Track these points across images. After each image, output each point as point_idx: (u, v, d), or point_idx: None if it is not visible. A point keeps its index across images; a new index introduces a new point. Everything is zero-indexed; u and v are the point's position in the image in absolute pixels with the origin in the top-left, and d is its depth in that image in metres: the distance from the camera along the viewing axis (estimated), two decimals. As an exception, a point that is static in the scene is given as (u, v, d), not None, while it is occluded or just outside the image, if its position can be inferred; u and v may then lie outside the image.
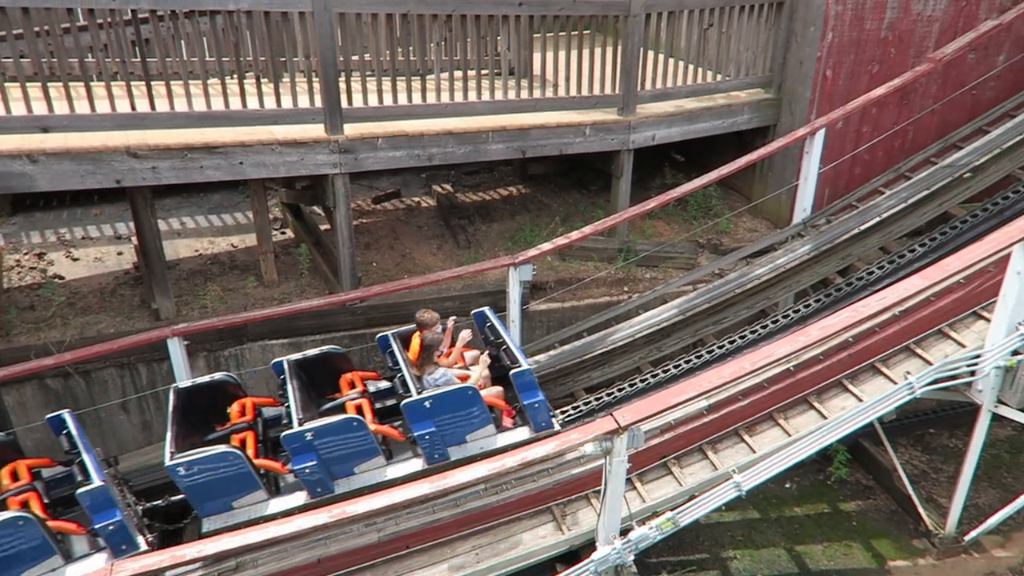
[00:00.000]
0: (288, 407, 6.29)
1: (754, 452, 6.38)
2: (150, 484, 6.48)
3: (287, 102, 7.46)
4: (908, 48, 9.28)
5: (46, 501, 5.73)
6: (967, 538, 7.16)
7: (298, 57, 7.80)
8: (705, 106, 9.43)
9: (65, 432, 6.12)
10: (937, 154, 9.07)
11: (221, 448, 5.70)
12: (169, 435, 5.90)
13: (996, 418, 6.62)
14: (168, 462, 5.61)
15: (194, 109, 7.11)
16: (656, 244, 9.30)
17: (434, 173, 11.51)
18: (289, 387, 6.45)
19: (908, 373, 6.29)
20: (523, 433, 6.54)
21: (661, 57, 9.21)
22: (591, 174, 10.96)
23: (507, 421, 6.68)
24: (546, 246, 7.92)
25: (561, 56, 8.70)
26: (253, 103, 7.35)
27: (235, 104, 7.28)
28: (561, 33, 8.75)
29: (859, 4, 8.82)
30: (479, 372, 6.77)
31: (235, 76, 7.27)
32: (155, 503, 6.10)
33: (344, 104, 7.56)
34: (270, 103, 7.44)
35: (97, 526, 5.43)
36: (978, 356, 6.28)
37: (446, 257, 9.27)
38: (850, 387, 6.63)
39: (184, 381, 6.67)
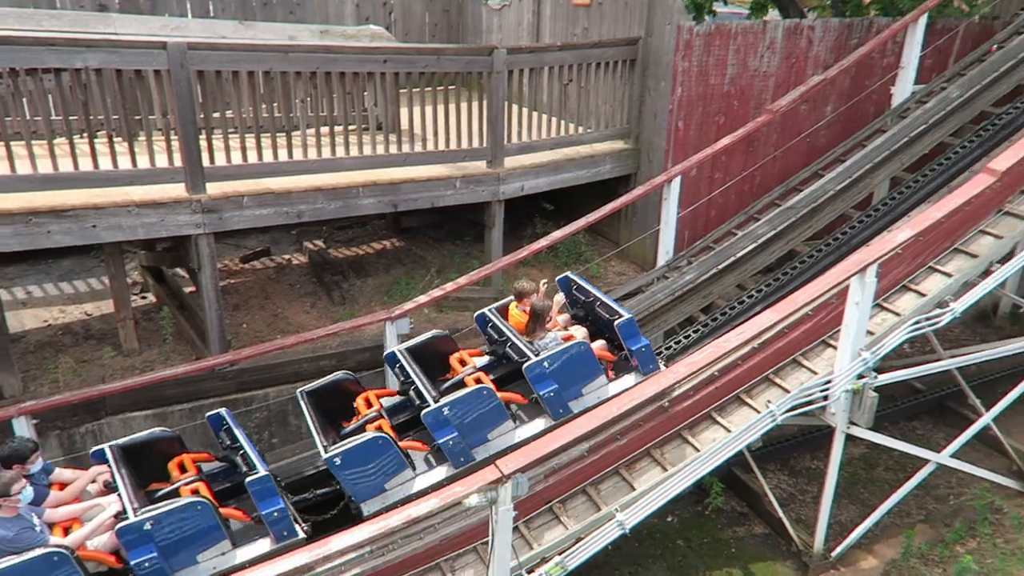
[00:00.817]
0: (412, 391, 6.74)
1: (634, 489, 6.53)
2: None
3: (143, 162, 7.14)
4: (749, 101, 10.07)
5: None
6: (834, 554, 7.62)
7: (155, 115, 7.52)
8: (569, 157, 9.82)
9: (224, 428, 6.40)
10: (780, 197, 9.82)
11: (371, 434, 6.04)
12: (315, 432, 6.32)
13: (850, 438, 7.15)
14: (325, 455, 5.98)
15: (39, 171, 6.68)
16: (531, 291, 9.49)
17: (305, 229, 11.31)
18: (411, 373, 6.78)
19: (769, 402, 6.69)
20: (630, 379, 6.93)
21: (526, 111, 9.54)
22: (464, 225, 11.10)
23: (609, 373, 7.00)
24: (423, 298, 7.92)
25: (429, 111, 8.85)
26: (106, 163, 6.97)
27: (85, 165, 6.89)
28: (427, 88, 8.92)
29: (703, 61, 9.52)
30: (581, 331, 7.15)
31: (85, 135, 6.92)
32: (304, 496, 6.38)
33: (206, 163, 7.33)
34: (125, 163, 7.09)
35: (263, 512, 5.65)
36: (829, 382, 6.77)
37: (320, 315, 9.07)
38: (719, 419, 6.95)
39: (308, 385, 6.83)
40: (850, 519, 8.13)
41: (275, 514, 5.69)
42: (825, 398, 6.81)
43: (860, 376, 6.71)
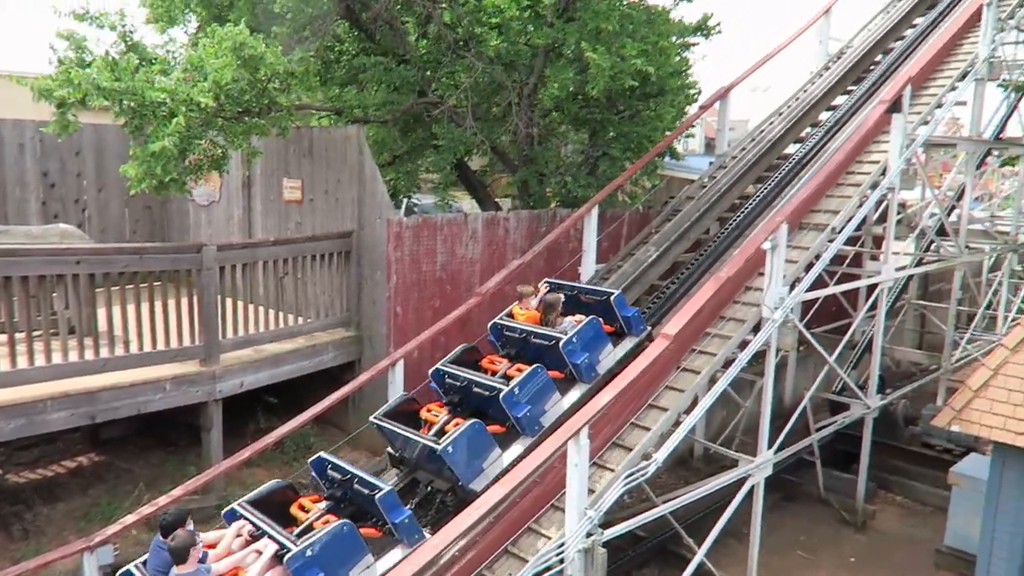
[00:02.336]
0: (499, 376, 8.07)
1: None
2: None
3: None
4: (460, 284, 10.86)
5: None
6: None
7: None
8: (291, 348, 9.67)
9: (329, 467, 7.10)
10: (498, 370, 10.45)
11: (471, 421, 7.30)
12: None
13: (587, 597, 7.37)
14: (439, 447, 6.99)
15: None
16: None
17: (-26, 455, 9.60)
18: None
19: (511, 575, 6.75)
20: (629, 343, 8.80)
21: (242, 304, 9.33)
22: (178, 429, 10.19)
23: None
24: (130, 519, 7.01)
25: (132, 310, 8.29)
26: None
27: None
28: (129, 287, 8.39)
29: (415, 251, 10.18)
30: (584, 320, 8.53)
31: None
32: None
33: None
34: None
35: (396, 521, 6.49)
36: (562, 544, 7.04)
37: (-4, 556, 7.58)
38: (465, 602, 6.84)
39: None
40: None
41: (405, 521, 6.60)
42: (561, 561, 7.03)
43: (589, 534, 7.07)
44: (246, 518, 6.52)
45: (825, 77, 13.97)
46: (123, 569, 6.15)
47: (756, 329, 9.14)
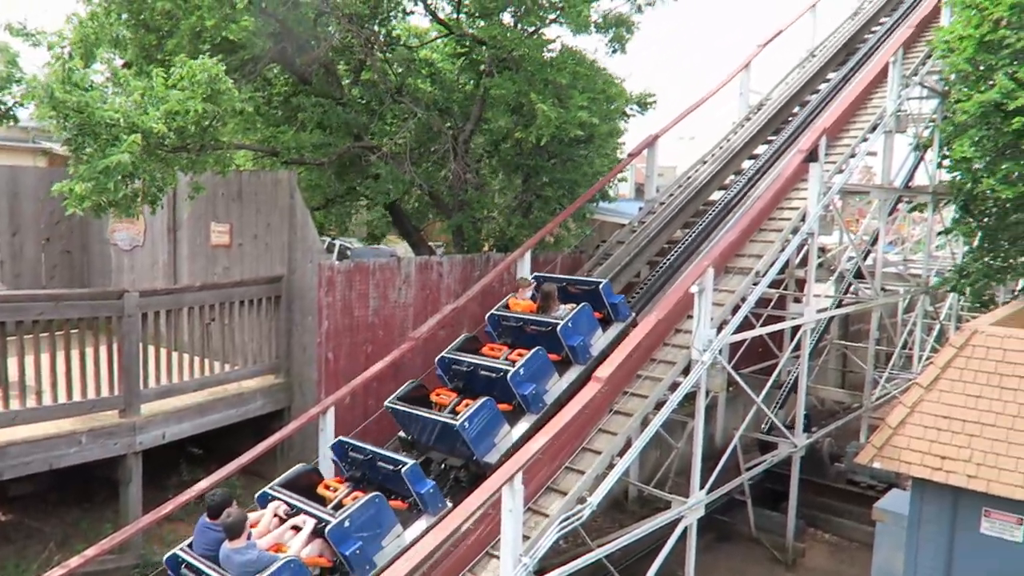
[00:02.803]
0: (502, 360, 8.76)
1: None
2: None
3: None
4: (393, 329, 10.76)
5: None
6: None
7: None
8: (217, 397, 9.37)
9: (349, 449, 7.77)
10: (433, 416, 10.34)
11: (484, 399, 8.02)
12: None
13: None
14: (456, 423, 7.68)
15: None
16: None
17: None
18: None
19: (446, 627, 6.61)
20: (616, 328, 9.59)
21: (165, 351, 9.01)
22: (94, 484, 9.68)
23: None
24: (37, 583, 6.59)
25: (46, 359, 7.91)
26: None
27: None
28: (44, 335, 8.01)
29: (346, 295, 10.06)
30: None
31: None
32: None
33: None
34: None
35: (420, 491, 7.23)
36: (499, 593, 6.94)
37: None
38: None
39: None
40: None
41: (430, 491, 7.28)
42: (499, 610, 6.93)
43: (525, 581, 7.00)
44: (279, 499, 7.10)
45: (746, 128, 14.58)
46: (169, 553, 6.56)
47: (686, 371, 9.32)
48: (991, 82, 10.27)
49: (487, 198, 13.87)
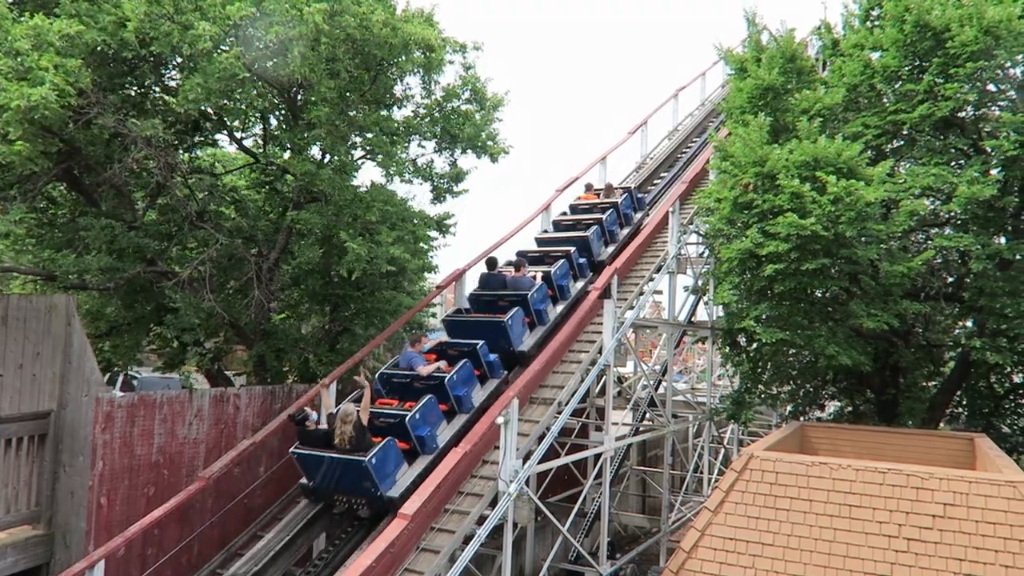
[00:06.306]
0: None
1: None
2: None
3: None
4: (181, 468, 9.84)
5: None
6: None
7: None
8: (-46, 556, 7.95)
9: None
10: (221, 564, 9.41)
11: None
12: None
13: None
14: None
15: None
16: None
17: None
18: None
19: None
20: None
21: None
22: None
23: None
24: None
25: None
26: None
27: None
28: None
29: (127, 432, 9.14)
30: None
31: None
32: None
33: None
34: None
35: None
36: None
37: None
38: None
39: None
40: None
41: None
42: None
43: None
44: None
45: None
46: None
47: (494, 503, 9.27)
48: (746, 236, 11.67)
49: (291, 327, 13.47)
